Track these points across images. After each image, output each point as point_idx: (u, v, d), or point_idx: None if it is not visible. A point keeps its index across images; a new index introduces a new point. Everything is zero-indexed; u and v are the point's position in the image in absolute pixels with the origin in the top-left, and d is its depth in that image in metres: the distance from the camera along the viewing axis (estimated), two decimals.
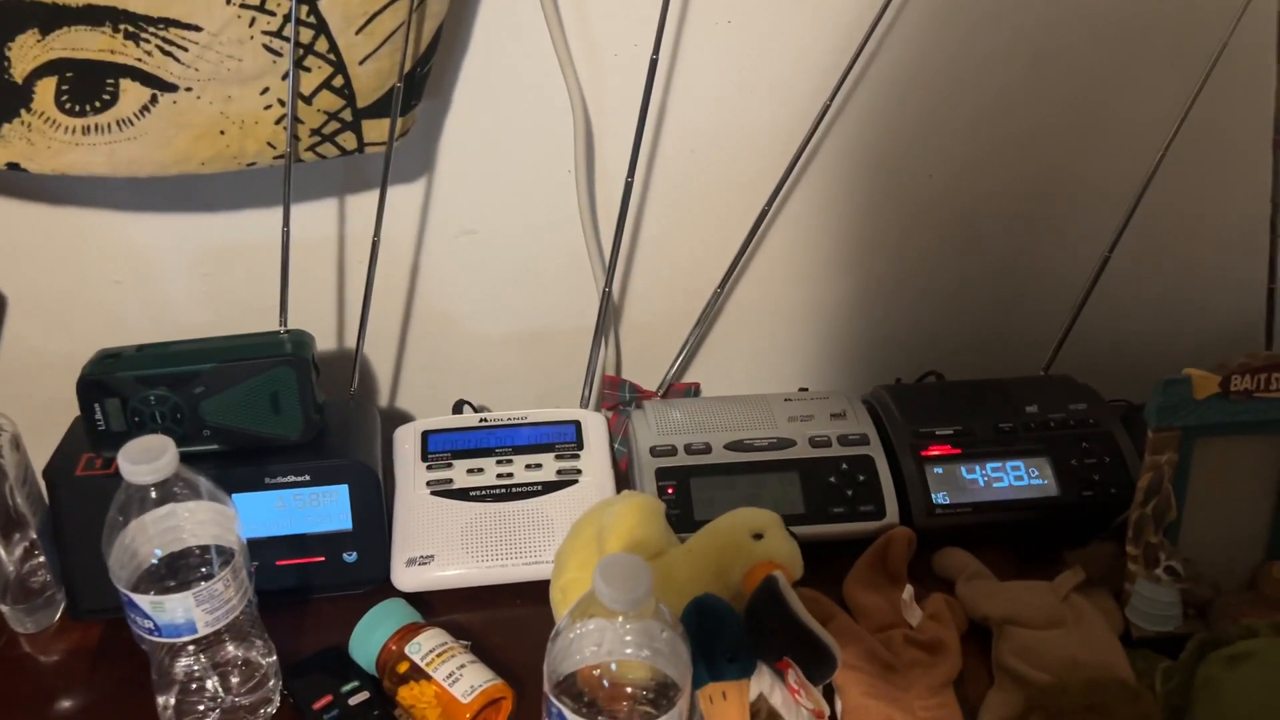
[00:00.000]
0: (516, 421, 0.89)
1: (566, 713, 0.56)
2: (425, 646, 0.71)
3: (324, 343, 0.93)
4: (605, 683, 0.57)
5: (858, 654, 0.73)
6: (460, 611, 0.80)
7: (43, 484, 0.77)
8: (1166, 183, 0.92)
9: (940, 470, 0.85)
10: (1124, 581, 0.78)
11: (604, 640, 0.56)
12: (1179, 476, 0.76)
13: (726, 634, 0.63)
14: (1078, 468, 0.86)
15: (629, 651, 0.57)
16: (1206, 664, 0.70)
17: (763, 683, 0.65)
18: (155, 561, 0.63)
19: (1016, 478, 0.86)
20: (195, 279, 0.92)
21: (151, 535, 0.64)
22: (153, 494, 0.62)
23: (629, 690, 0.58)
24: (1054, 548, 0.85)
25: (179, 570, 0.65)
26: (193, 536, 0.65)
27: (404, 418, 1.01)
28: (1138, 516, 0.77)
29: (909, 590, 0.79)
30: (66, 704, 0.74)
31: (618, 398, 0.98)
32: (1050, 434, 0.88)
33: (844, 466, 0.85)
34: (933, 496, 0.84)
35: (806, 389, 0.94)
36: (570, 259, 0.95)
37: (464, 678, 0.70)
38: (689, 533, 0.77)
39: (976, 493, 0.85)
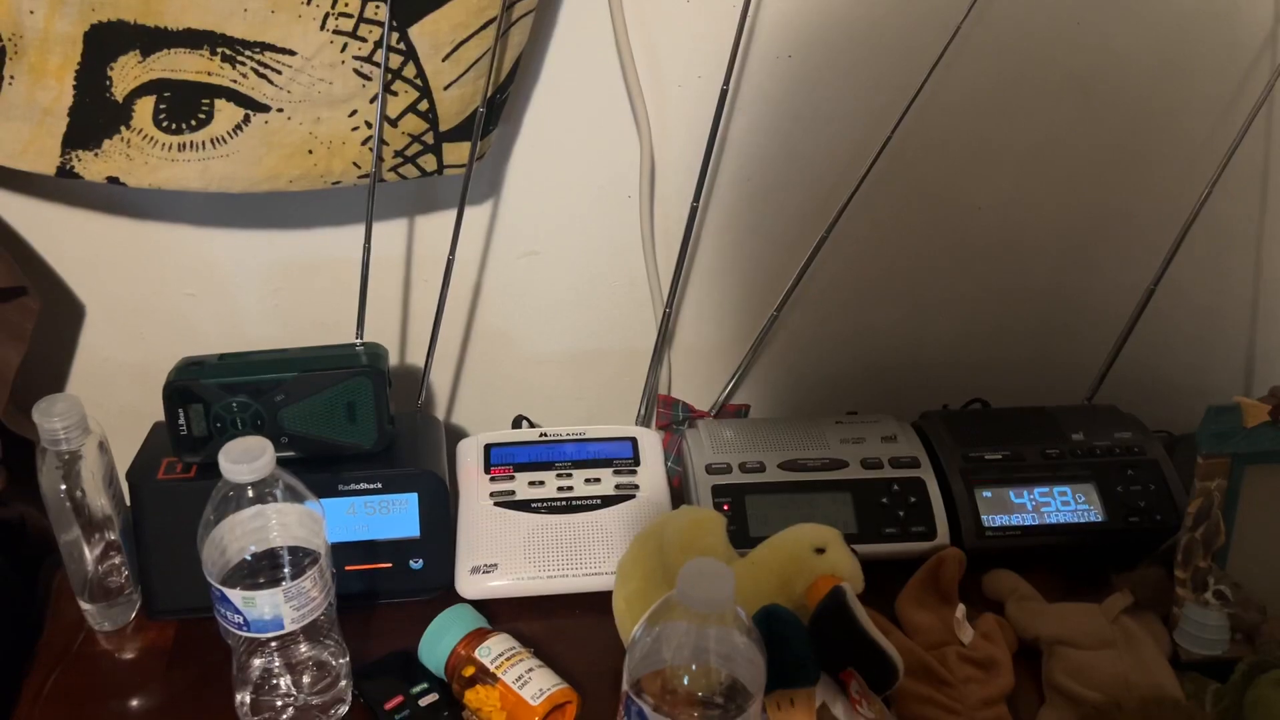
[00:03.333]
0: (576, 437, 0.91)
1: (647, 710, 0.58)
2: (494, 650, 0.74)
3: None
4: (682, 683, 0.59)
5: (913, 669, 0.75)
6: (521, 620, 0.82)
7: (125, 486, 0.80)
8: (1210, 218, 0.94)
9: (989, 494, 0.88)
10: (1172, 605, 0.80)
11: (684, 644, 0.58)
12: (1228, 502, 0.78)
13: (794, 642, 0.65)
14: (1124, 494, 0.88)
15: (708, 656, 0.59)
16: (1256, 687, 0.72)
17: (825, 692, 0.67)
18: (248, 558, 0.66)
19: (1064, 503, 0.88)
20: (266, 293, 0.95)
21: (242, 533, 0.66)
22: (249, 493, 0.65)
23: (700, 694, 0.60)
24: (1100, 572, 0.86)
25: (264, 569, 0.67)
26: (281, 537, 0.67)
27: (460, 432, 1.04)
28: (1187, 541, 0.79)
29: (961, 609, 0.81)
30: (141, 701, 0.76)
31: (671, 417, 1.00)
32: (1096, 461, 0.90)
33: (895, 488, 0.88)
34: (982, 519, 0.86)
35: (855, 413, 0.96)
36: (627, 281, 0.98)
37: (532, 681, 0.72)
38: (744, 548, 0.79)
39: (1025, 516, 0.87)
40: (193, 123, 0.77)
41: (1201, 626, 0.78)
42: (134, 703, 0.76)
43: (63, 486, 0.75)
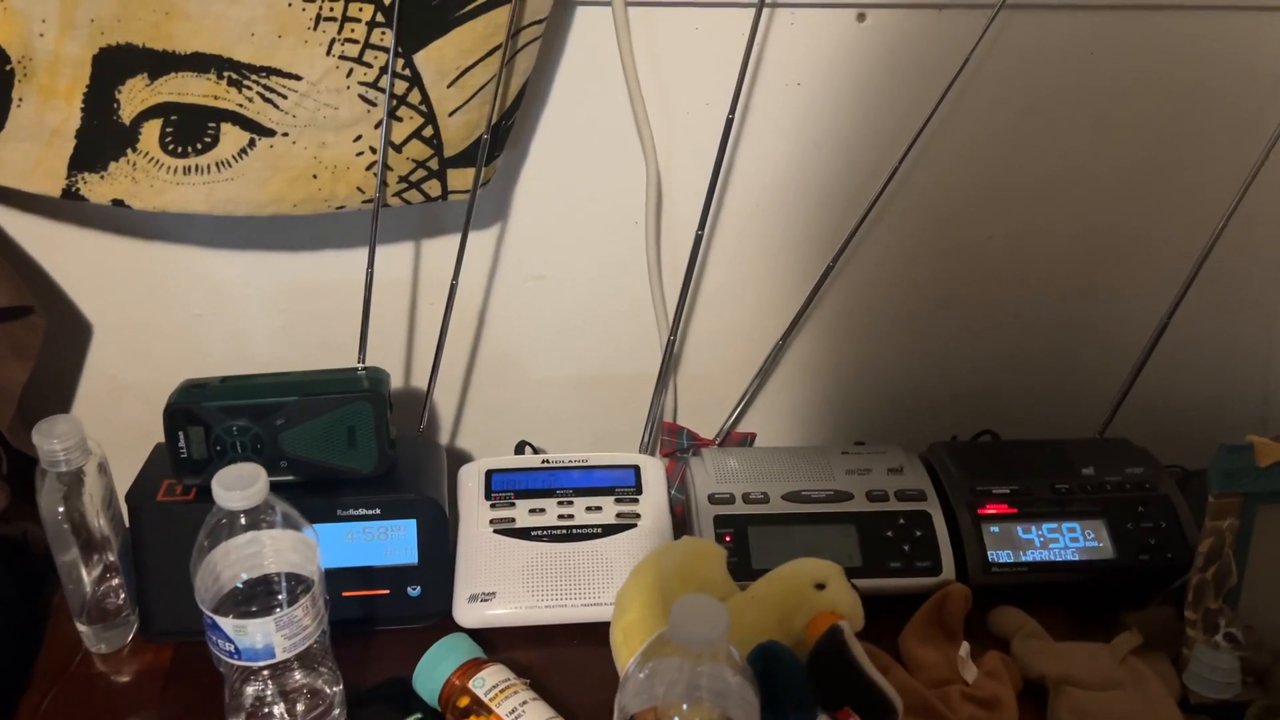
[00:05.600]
0: (578, 464, 0.91)
1: None
2: (489, 682, 0.73)
3: (391, 380, 0.96)
4: None
5: (915, 707, 0.73)
6: (519, 649, 0.81)
7: (124, 508, 0.80)
8: (1227, 250, 0.93)
9: (997, 529, 0.86)
10: (1181, 646, 0.78)
11: (677, 680, 0.58)
12: (1240, 542, 0.77)
13: (791, 680, 0.64)
14: (1134, 531, 0.87)
15: (700, 693, 0.58)
16: None
17: None
18: (239, 585, 0.66)
19: (1073, 539, 0.87)
20: (273, 314, 0.95)
21: (235, 560, 0.66)
22: (242, 520, 0.64)
23: None
24: (1109, 610, 0.85)
25: (257, 596, 0.67)
26: (274, 564, 0.67)
27: (464, 456, 1.03)
28: (1198, 582, 0.77)
29: (965, 647, 0.79)
30: None
31: (675, 444, 0.99)
32: (1107, 496, 0.88)
33: (901, 521, 0.86)
34: (989, 554, 0.85)
35: (863, 443, 0.95)
36: (633, 307, 0.98)
37: (526, 714, 0.71)
38: (746, 580, 0.78)
39: (1033, 552, 0.86)
40: (198, 146, 0.78)
41: (1212, 669, 0.76)
42: None
43: (61, 508, 0.75)
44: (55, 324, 0.89)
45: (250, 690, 0.71)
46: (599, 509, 0.87)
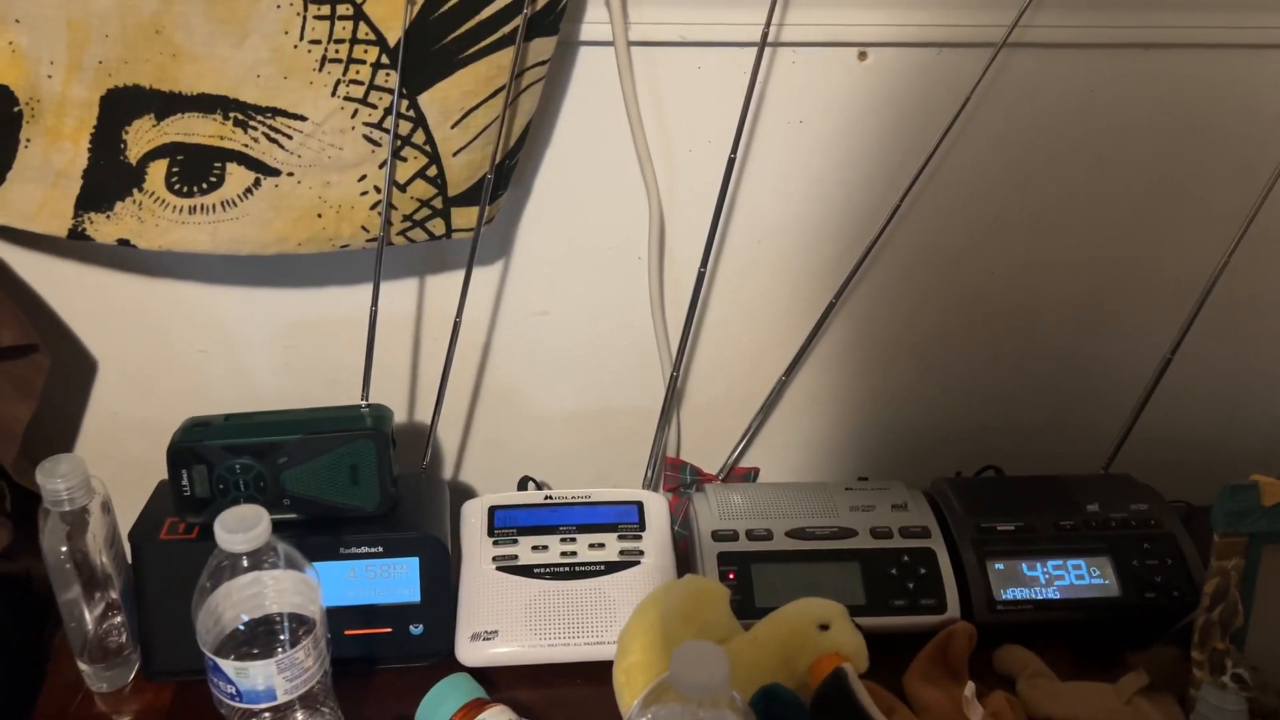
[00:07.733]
0: (581, 500, 0.91)
1: None
2: None
3: (395, 416, 0.96)
4: None
5: None
6: (522, 688, 0.81)
7: (127, 546, 0.80)
8: (1231, 284, 0.93)
9: (1001, 566, 0.86)
10: (1188, 687, 0.78)
11: None
12: (1246, 582, 0.76)
13: None
14: (1139, 569, 0.86)
15: None
16: None
17: None
18: (241, 627, 0.65)
19: (1078, 576, 0.86)
20: (277, 350, 0.95)
21: (237, 601, 0.66)
22: (244, 562, 0.64)
23: None
24: (1114, 649, 0.84)
25: (259, 636, 0.67)
26: (276, 604, 0.67)
27: (466, 492, 1.03)
28: (1204, 622, 0.76)
29: (970, 687, 0.78)
30: None
31: (679, 480, 0.99)
32: (1112, 533, 0.88)
33: (905, 558, 0.86)
34: (994, 592, 0.85)
35: (866, 479, 0.95)
36: (636, 342, 0.98)
37: None
38: (750, 619, 0.78)
39: (1038, 590, 0.85)
40: (204, 186, 0.78)
41: (1219, 710, 0.75)
42: None
43: (64, 547, 0.75)
44: (59, 361, 0.89)
45: None
46: (602, 546, 0.87)
